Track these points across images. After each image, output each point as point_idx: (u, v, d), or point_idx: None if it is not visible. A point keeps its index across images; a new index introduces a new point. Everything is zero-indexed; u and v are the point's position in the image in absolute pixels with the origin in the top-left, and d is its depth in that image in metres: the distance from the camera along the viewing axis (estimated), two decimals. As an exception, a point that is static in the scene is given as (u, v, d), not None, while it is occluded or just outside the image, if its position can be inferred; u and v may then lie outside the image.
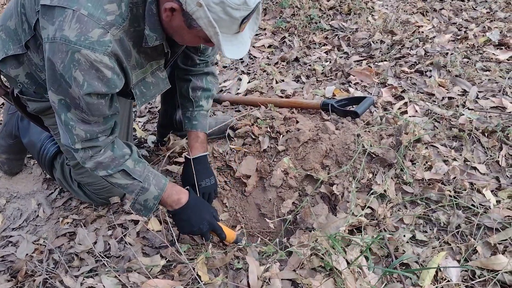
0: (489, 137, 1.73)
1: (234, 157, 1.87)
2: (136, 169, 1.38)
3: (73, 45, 1.09)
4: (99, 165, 1.33)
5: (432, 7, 3.01)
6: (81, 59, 1.10)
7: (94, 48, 1.10)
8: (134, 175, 1.37)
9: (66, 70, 1.13)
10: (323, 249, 1.30)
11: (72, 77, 1.13)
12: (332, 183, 1.64)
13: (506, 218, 1.38)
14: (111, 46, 1.12)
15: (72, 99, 1.20)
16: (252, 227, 1.80)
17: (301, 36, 2.94)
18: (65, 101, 1.22)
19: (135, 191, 1.38)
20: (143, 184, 1.38)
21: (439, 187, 1.52)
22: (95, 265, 1.51)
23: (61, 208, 1.85)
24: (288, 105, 2.07)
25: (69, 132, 1.27)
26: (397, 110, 1.96)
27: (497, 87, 2.03)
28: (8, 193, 2.00)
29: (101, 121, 1.29)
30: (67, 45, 1.09)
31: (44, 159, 1.82)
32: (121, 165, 1.35)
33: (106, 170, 1.34)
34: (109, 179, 1.37)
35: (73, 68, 1.12)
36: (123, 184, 1.38)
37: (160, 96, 2.00)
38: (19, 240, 1.72)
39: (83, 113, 1.23)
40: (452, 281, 1.23)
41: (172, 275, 1.40)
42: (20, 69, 1.41)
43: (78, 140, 1.28)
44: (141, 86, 1.36)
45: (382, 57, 2.49)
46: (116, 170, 1.35)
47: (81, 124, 1.26)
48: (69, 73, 1.13)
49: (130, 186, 1.38)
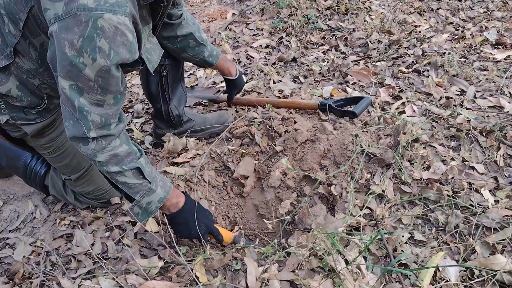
0: (487, 136, 1.73)
1: (232, 158, 1.86)
2: (147, 168, 1.32)
3: (94, 11, 1.01)
4: (113, 158, 1.25)
5: (429, 6, 3.01)
6: (104, 25, 1.02)
7: (115, 10, 1.03)
8: (145, 174, 1.31)
9: (88, 43, 1.03)
10: (322, 249, 1.30)
11: (97, 48, 1.04)
12: (330, 184, 1.64)
13: (505, 218, 1.38)
14: (129, 5, 1.07)
15: (85, 82, 1.11)
16: (250, 228, 1.79)
17: (298, 36, 2.94)
18: (77, 85, 1.12)
19: (140, 192, 1.32)
20: (151, 185, 1.32)
21: (437, 187, 1.52)
22: (92, 267, 1.50)
23: (58, 209, 1.84)
24: (285, 106, 2.07)
25: (84, 119, 1.17)
26: (395, 110, 1.96)
27: (495, 87, 2.03)
28: (5, 195, 1.99)
29: (112, 102, 1.21)
30: (87, 13, 1.01)
31: (34, 179, 1.79)
32: (135, 162, 1.29)
33: (120, 165, 1.26)
34: (118, 176, 1.28)
35: (97, 37, 1.03)
36: (130, 184, 1.30)
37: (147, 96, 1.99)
38: (16, 242, 1.71)
39: (98, 95, 1.15)
40: (451, 281, 1.23)
41: (170, 276, 1.40)
42: (10, 83, 1.32)
43: (94, 126, 1.19)
44: (145, 52, 1.32)
45: (380, 57, 2.49)
46: (130, 167, 1.27)
47: (95, 108, 1.17)
48: (92, 45, 1.04)
49: (138, 186, 1.31)
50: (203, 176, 1.79)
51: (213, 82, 2.62)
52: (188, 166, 1.85)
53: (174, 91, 1.93)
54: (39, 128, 1.47)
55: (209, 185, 1.80)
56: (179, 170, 1.81)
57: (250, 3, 3.55)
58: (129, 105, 2.53)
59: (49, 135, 1.52)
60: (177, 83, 1.93)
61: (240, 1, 3.64)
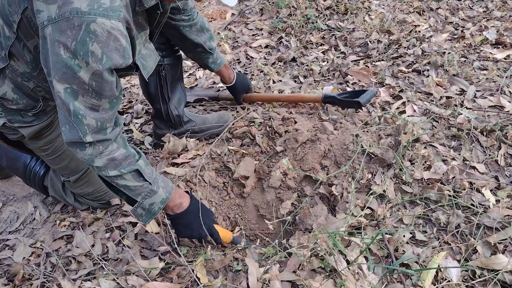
0: (488, 136, 1.73)
1: (232, 158, 1.86)
2: (146, 170, 1.32)
3: (87, 15, 1.01)
4: (111, 162, 1.24)
5: (428, 6, 3.01)
6: (97, 29, 1.02)
7: (109, 15, 1.03)
8: (145, 176, 1.30)
9: (81, 46, 1.03)
10: (323, 250, 1.29)
11: (89, 53, 1.04)
12: (331, 184, 1.64)
13: (506, 218, 1.38)
14: (123, 11, 1.07)
15: (80, 85, 1.11)
16: (251, 228, 1.79)
17: (298, 36, 2.94)
18: (72, 88, 1.11)
19: (142, 194, 1.31)
20: (152, 187, 1.32)
21: (438, 186, 1.52)
22: (93, 268, 1.50)
23: (58, 211, 1.84)
24: (287, 100, 2.09)
25: (79, 123, 1.17)
26: (395, 110, 1.96)
27: (495, 86, 2.03)
28: (4, 196, 1.99)
29: (107, 107, 1.20)
30: (80, 17, 1.01)
31: (33, 180, 1.79)
32: (134, 165, 1.28)
33: (118, 169, 1.26)
34: (118, 180, 1.28)
35: (90, 42, 1.03)
36: (131, 186, 1.30)
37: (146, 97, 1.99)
38: (16, 243, 1.71)
39: (92, 99, 1.15)
40: (453, 281, 1.23)
41: (171, 277, 1.39)
42: (5, 86, 1.32)
43: (89, 131, 1.18)
44: (141, 59, 1.32)
45: (380, 56, 2.49)
46: (129, 170, 1.27)
47: (90, 112, 1.16)
48: (85, 49, 1.04)
49: (139, 188, 1.30)
50: (203, 177, 1.79)
51: (213, 82, 2.62)
52: (188, 167, 1.84)
53: (173, 91, 1.92)
54: (36, 130, 1.46)
55: (210, 185, 1.79)
56: (179, 170, 1.81)
57: (250, 3, 3.55)
58: (129, 105, 2.53)
59: (47, 137, 1.52)
60: (176, 83, 1.93)
61: (240, 1, 3.64)
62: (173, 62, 1.87)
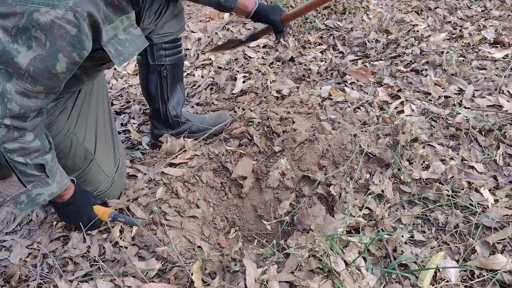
0: (486, 136, 1.73)
1: (230, 159, 1.85)
2: (51, 163, 1.31)
3: (30, 4, 0.98)
4: (21, 150, 1.23)
5: (427, 5, 3.00)
6: (40, 18, 1.00)
7: (54, 4, 1.00)
8: (47, 169, 1.30)
9: (23, 32, 1.02)
10: (321, 250, 1.29)
11: (33, 38, 1.03)
12: (329, 184, 1.63)
13: (505, 217, 1.37)
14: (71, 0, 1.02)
15: (16, 69, 1.09)
16: (249, 229, 1.78)
17: (296, 35, 2.93)
18: (6, 70, 1.10)
19: (34, 183, 1.30)
20: (47, 179, 1.31)
21: (437, 186, 1.52)
22: (90, 269, 1.49)
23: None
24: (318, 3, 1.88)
25: (2, 103, 1.14)
26: (393, 110, 1.96)
27: (493, 86, 2.03)
28: (1, 197, 1.98)
29: (42, 97, 1.18)
30: (22, 6, 0.98)
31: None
32: (42, 158, 1.28)
33: (25, 158, 1.24)
34: (19, 166, 1.26)
35: (33, 29, 1.02)
36: (28, 173, 1.28)
37: (145, 96, 1.97)
38: (13, 244, 1.69)
39: (27, 83, 1.12)
40: (451, 281, 1.22)
41: (168, 278, 1.38)
42: None
43: (10, 114, 1.16)
44: (115, 44, 1.26)
45: (378, 56, 2.48)
46: (35, 162, 1.26)
47: (19, 98, 1.14)
48: (28, 35, 1.03)
49: (35, 177, 1.29)
50: (201, 177, 1.78)
51: (213, 82, 2.61)
52: (186, 167, 1.84)
53: (172, 92, 1.92)
54: None
55: (207, 186, 1.79)
56: (176, 171, 1.80)
57: (248, 3, 3.53)
58: (126, 105, 2.52)
59: None
60: (176, 83, 1.92)
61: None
62: (175, 62, 1.86)
